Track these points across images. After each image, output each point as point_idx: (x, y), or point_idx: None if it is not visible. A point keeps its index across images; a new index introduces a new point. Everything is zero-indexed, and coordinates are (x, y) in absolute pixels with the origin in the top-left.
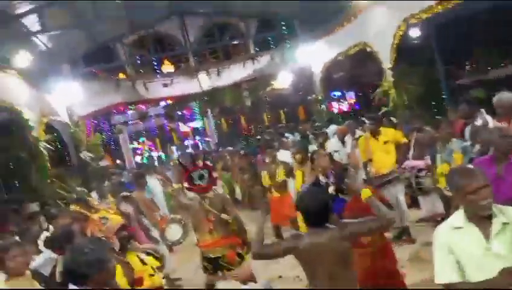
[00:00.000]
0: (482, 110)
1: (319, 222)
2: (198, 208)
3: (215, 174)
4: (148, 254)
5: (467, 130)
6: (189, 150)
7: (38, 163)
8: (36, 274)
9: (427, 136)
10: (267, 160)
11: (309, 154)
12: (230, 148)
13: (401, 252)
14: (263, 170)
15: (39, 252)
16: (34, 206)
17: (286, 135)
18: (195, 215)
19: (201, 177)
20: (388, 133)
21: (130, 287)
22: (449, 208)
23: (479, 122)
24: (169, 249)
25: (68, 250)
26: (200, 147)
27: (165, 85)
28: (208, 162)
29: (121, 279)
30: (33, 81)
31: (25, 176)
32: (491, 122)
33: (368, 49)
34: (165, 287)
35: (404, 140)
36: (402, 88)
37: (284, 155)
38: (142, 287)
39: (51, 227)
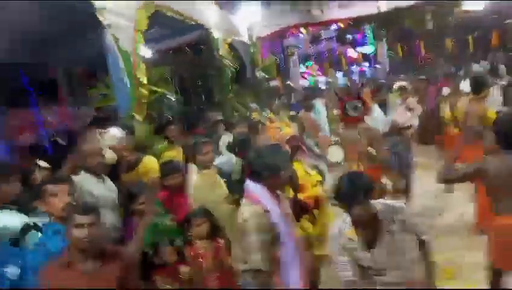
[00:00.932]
0: None
1: None
2: (349, 138)
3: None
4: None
5: None
6: (355, 77)
7: (221, 80)
8: (219, 170)
9: None
10: (446, 91)
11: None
12: (402, 76)
13: None
14: (443, 102)
15: (220, 153)
16: (217, 116)
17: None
18: (345, 143)
19: (355, 108)
20: None
21: (294, 192)
22: None
23: None
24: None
25: (249, 152)
26: (368, 74)
27: (341, 6)
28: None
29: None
30: (220, 1)
31: (210, 91)
32: None
33: None
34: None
35: None
36: None
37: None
38: (304, 194)
39: (229, 134)
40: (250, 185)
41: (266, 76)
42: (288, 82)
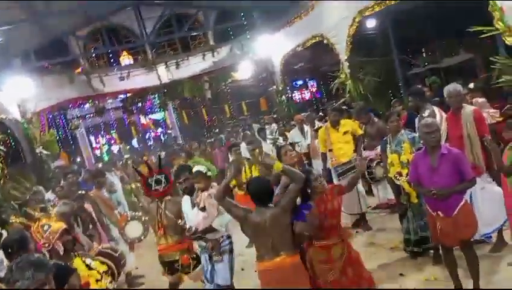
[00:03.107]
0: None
1: (263, 202)
2: (156, 212)
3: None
4: (94, 259)
5: (417, 122)
6: (150, 142)
7: None
8: None
9: (376, 127)
10: (231, 157)
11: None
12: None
13: (358, 238)
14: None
15: None
16: None
17: (254, 125)
18: (152, 218)
19: (158, 182)
20: (347, 124)
21: None
22: (399, 194)
23: (426, 113)
24: (129, 247)
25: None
26: (162, 139)
27: (122, 78)
28: (165, 167)
29: None
30: None
31: None
32: (438, 114)
33: (325, 41)
34: (126, 286)
35: (361, 132)
36: (357, 79)
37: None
38: None
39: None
40: None
41: (48, 153)
42: (77, 157)
